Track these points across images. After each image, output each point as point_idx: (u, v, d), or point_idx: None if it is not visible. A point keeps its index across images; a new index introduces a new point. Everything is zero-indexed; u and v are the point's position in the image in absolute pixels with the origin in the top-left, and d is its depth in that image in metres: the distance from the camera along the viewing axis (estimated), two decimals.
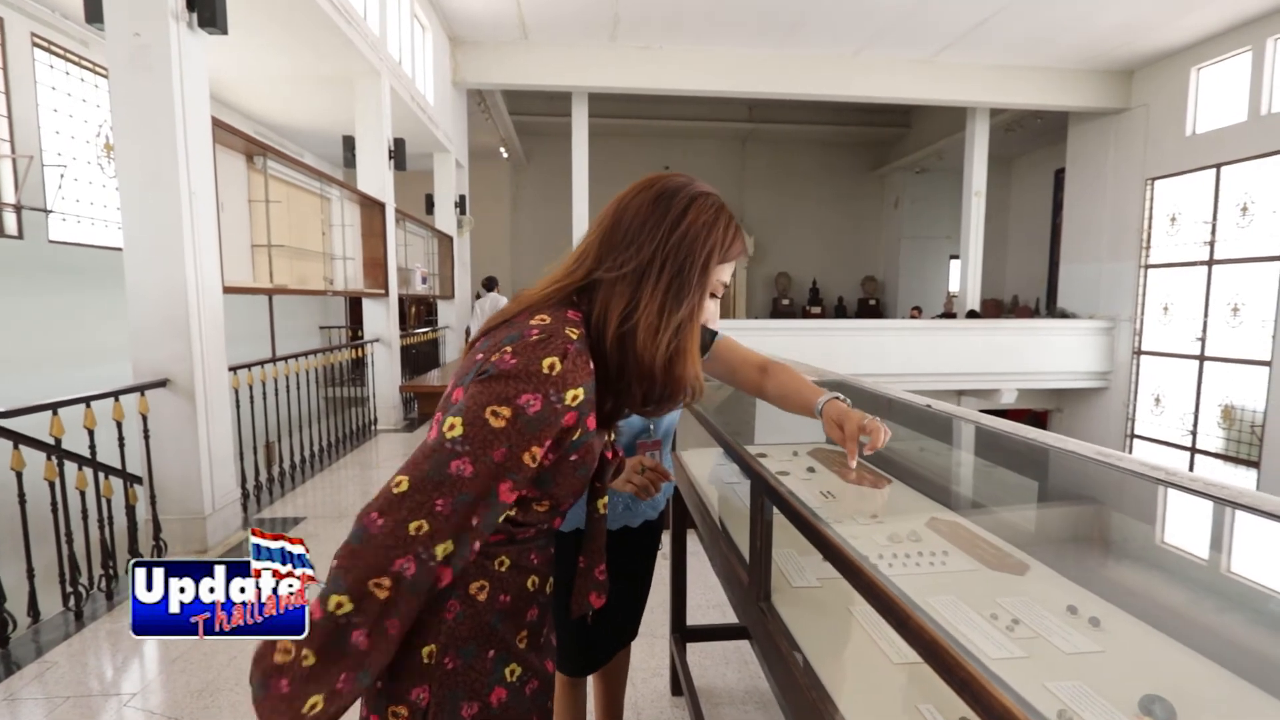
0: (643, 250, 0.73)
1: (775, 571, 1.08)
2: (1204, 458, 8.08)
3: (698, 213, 0.75)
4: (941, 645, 0.50)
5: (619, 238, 0.75)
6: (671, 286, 0.73)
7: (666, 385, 0.74)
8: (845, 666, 0.86)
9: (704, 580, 2.73)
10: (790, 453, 1.86)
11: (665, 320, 0.72)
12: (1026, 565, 1.08)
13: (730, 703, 2.02)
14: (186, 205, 3.00)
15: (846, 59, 8.54)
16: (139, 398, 2.99)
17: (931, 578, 1.05)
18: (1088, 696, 0.73)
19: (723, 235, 0.76)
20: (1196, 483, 0.95)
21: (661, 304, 0.72)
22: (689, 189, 0.77)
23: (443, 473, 0.63)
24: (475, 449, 0.64)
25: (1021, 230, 12.73)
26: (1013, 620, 0.90)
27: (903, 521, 1.29)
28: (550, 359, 0.66)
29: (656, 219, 0.74)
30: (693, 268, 0.74)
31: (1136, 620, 0.90)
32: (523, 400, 0.64)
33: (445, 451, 0.64)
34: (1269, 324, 7.25)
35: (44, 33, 4.71)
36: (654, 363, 0.72)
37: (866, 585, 0.65)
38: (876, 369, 8.36)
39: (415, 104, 6.73)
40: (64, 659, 2.29)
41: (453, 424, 0.65)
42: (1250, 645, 0.80)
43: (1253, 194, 7.47)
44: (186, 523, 3.11)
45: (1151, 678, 0.75)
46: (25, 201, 4.50)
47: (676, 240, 0.73)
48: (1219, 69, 7.82)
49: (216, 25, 3.06)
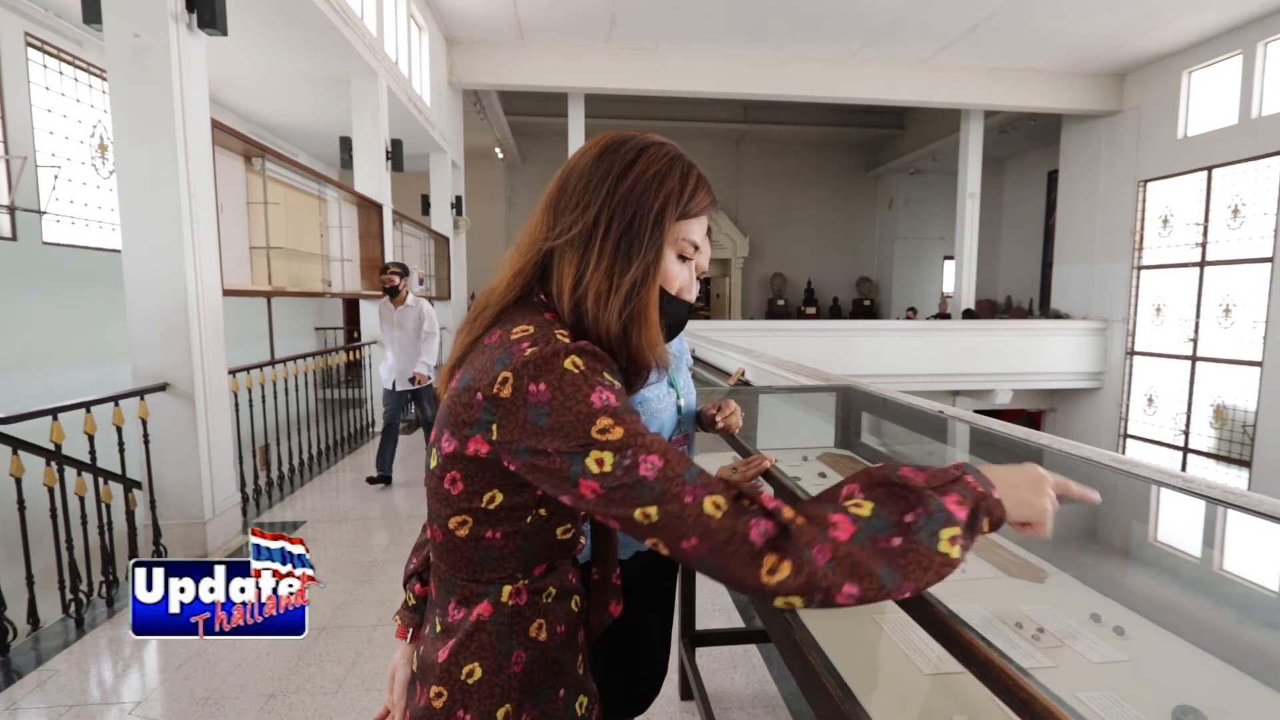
0: (588, 210, 0.66)
1: None
2: (1196, 457, 8.16)
3: (647, 163, 0.67)
4: (997, 664, 0.51)
5: (565, 201, 0.68)
6: (620, 245, 0.65)
7: (626, 357, 0.66)
8: (874, 675, 0.86)
9: (711, 584, 2.74)
10: (800, 457, 1.86)
11: (615, 283, 0.65)
12: (1044, 572, 1.09)
13: (739, 706, 2.02)
14: (186, 207, 2.98)
15: (842, 60, 8.58)
16: (139, 402, 2.96)
17: (956, 585, 1.06)
18: (1120, 708, 0.73)
19: (679, 185, 0.68)
20: (1205, 487, 0.96)
21: (610, 266, 0.65)
22: (637, 140, 0.69)
23: (648, 486, 0.55)
24: (635, 452, 0.56)
25: (1015, 231, 12.81)
26: (1038, 629, 0.90)
27: None
28: (571, 358, 0.60)
29: (601, 175, 0.67)
30: (642, 222, 0.66)
31: (1158, 628, 0.90)
32: (597, 403, 0.58)
33: (623, 476, 0.56)
34: (1260, 325, 7.33)
35: (38, 32, 4.66)
36: (608, 332, 0.65)
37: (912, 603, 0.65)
38: (872, 370, 8.40)
39: (412, 104, 6.71)
40: (65, 667, 2.27)
41: (600, 459, 0.56)
42: (1273, 653, 0.81)
43: (1243, 196, 7.55)
44: (187, 527, 3.08)
45: (1181, 687, 0.76)
46: (19, 203, 4.45)
47: (623, 194, 0.66)
48: (1210, 72, 7.90)
49: (216, 26, 3.04)
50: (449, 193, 8.60)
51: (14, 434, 2.45)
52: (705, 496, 0.54)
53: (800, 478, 1.69)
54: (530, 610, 0.69)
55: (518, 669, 0.67)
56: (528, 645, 0.68)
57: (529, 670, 0.68)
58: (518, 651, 0.67)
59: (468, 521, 0.66)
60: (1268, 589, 0.95)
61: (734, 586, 0.55)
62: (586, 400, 0.57)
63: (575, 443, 0.57)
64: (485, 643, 0.67)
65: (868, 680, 0.84)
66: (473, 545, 0.67)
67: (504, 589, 0.67)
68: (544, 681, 0.69)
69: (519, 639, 0.68)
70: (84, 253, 5.06)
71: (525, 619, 0.68)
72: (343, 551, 3.29)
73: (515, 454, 0.60)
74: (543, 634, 0.69)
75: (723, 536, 0.53)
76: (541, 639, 0.69)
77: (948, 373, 8.88)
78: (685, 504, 0.54)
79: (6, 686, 2.14)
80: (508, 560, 0.67)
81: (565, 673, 0.71)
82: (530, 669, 0.68)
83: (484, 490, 0.64)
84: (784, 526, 0.53)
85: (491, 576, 0.67)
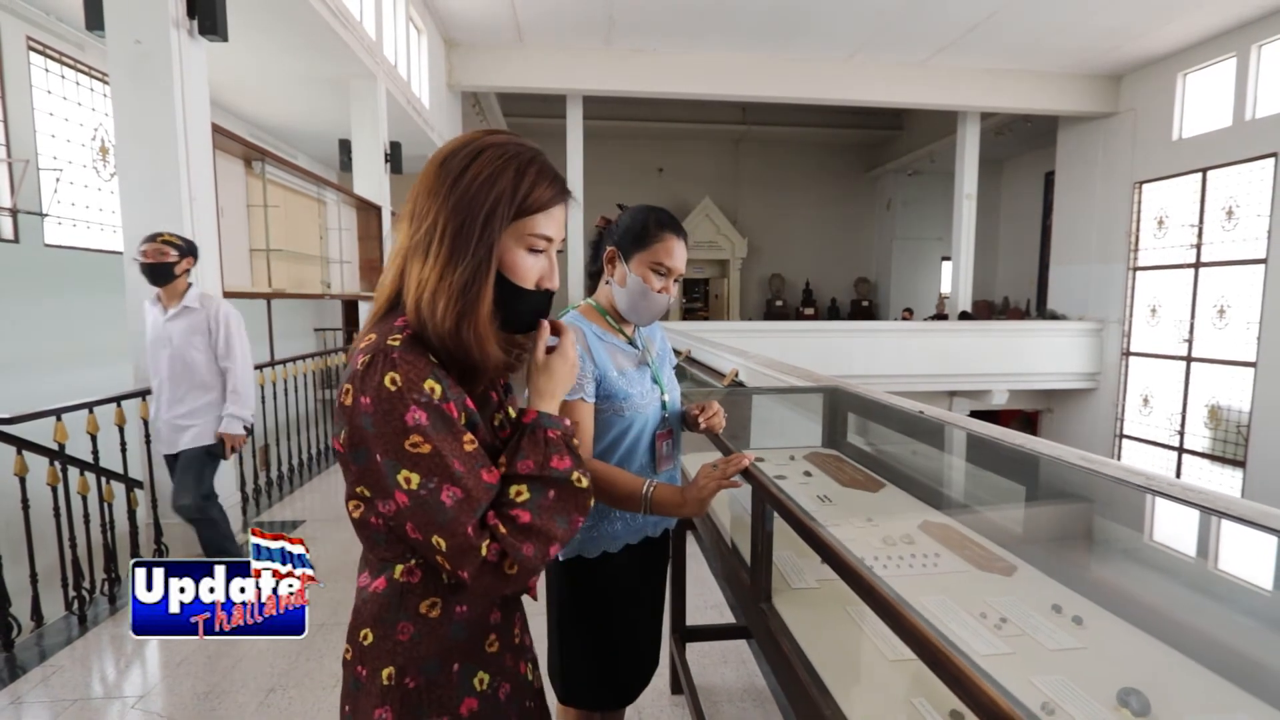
0: (428, 216, 0.72)
1: (775, 574, 1.12)
2: (1191, 458, 8.20)
3: (480, 167, 0.72)
4: (934, 643, 0.55)
5: (414, 210, 0.74)
6: (453, 247, 0.70)
7: (461, 352, 0.71)
8: (843, 663, 0.91)
9: (702, 581, 2.78)
10: (787, 456, 1.91)
11: (444, 282, 0.70)
12: (1014, 566, 1.13)
13: (729, 700, 2.07)
14: (187, 211, 3.02)
15: (839, 62, 8.62)
16: (140, 402, 3.00)
17: (924, 579, 1.10)
18: (1070, 690, 0.78)
19: (511, 184, 0.73)
20: (1174, 488, 1.00)
21: (442, 267, 0.70)
22: (474, 145, 0.74)
23: (445, 510, 0.67)
24: (440, 477, 0.67)
25: (1012, 232, 12.86)
26: (1001, 619, 0.95)
27: (897, 525, 1.34)
28: (389, 375, 0.67)
29: (439, 183, 0.72)
30: (472, 224, 0.71)
31: (1117, 618, 0.95)
32: (411, 419, 0.66)
33: (426, 497, 0.67)
34: (1254, 326, 7.37)
35: (40, 36, 4.70)
36: (443, 329, 0.70)
37: (864, 587, 0.69)
38: (869, 370, 8.44)
39: (411, 107, 6.75)
40: (68, 662, 2.31)
41: (407, 479, 0.67)
42: (1222, 640, 0.85)
43: (1238, 198, 7.60)
44: (187, 526, 3.11)
45: (1130, 672, 0.80)
46: (21, 205, 4.50)
47: (456, 199, 0.71)
48: (1204, 75, 7.95)
49: (217, 33, 3.08)
50: None
51: (18, 434, 2.50)
52: (479, 539, 0.68)
53: (786, 476, 1.73)
54: (422, 589, 0.75)
55: (403, 638, 0.74)
56: (415, 620, 0.74)
57: (415, 641, 0.74)
58: (404, 623, 0.74)
59: (360, 506, 0.74)
60: (1225, 581, 1.00)
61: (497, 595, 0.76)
62: (400, 418, 0.66)
63: (391, 453, 0.67)
64: (375, 612, 0.75)
65: (837, 667, 0.89)
66: (365, 527, 0.74)
67: (397, 567, 0.75)
68: (433, 654, 0.75)
69: (407, 613, 0.74)
70: (85, 255, 5.10)
71: (416, 596, 0.74)
72: (343, 551, 3.33)
73: (354, 457, 0.70)
74: (435, 611, 0.75)
75: (483, 569, 0.69)
76: (433, 616, 0.75)
77: (944, 373, 8.92)
78: (468, 538, 0.68)
79: (11, 681, 2.19)
80: (396, 543, 0.74)
81: (462, 649, 0.77)
82: (417, 641, 0.74)
83: (358, 483, 0.72)
84: (502, 544, 0.69)
85: (386, 555, 0.75)
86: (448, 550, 0.68)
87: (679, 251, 1.18)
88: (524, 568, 0.70)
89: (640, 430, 1.18)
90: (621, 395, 1.15)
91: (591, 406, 1.13)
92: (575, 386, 1.10)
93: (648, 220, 1.18)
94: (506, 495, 0.72)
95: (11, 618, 2.37)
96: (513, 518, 0.70)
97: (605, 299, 1.25)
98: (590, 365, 1.13)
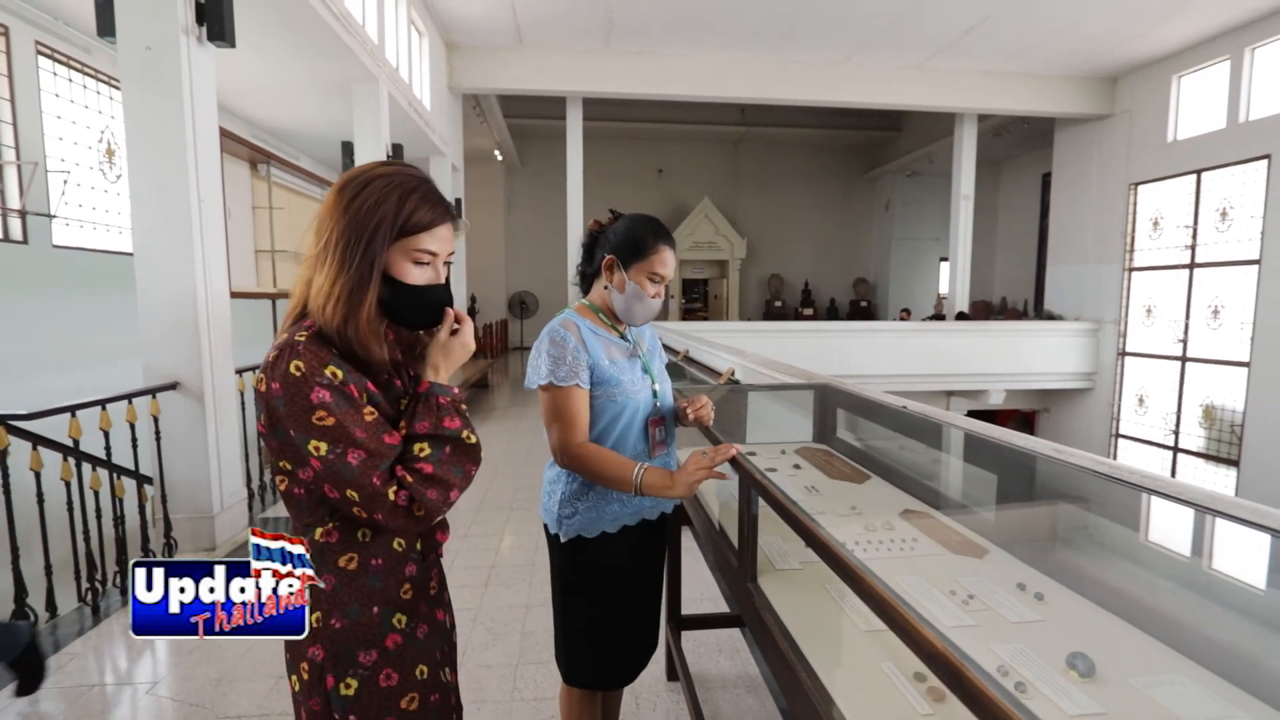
0: (326, 234, 0.87)
1: (761, 556, 1.19)
2: (1186, 457, 8.27)
3: (368, 195, 0.87)
4: (901, 613, 0.62)
5: (318, 228, 0.89)
6: (344, 258, 0.85)
7: (347, 345, 0.85)
8: (821, 634, 0.98)
9: (698, 576, 2.85)
10: (779, 451, 1.98)
11: (333, 287, 0.84)
12: (985, 550, 1.21)
13: (723, 687, 2.14)
14: (195, 213, 3.10)
15: (837, 64, 8.70)
16: (150, 400, 3.08)
17: (901, 561, 1.18)
18: (1025, 655, 0.85)
19: (395, 209, 0.87)
20: (1123, 472, 1.07)
21: (334, 274, 0.85)
22: (365, 175, 0.89)
23: (351, 469, 0.80)
24: (344, 443, 0.80)
25: (1011, 233, 12.94)
26: (968, 595, 1.02)
27: (879, 513, 1.42)
28: (294, 363, 0.80)
29: (335, 206, 0.87)
30: (359, 241, 0.85)
31: (1075, 595, 1.02)
32: (315, 399, 0.80)
33: (334, 460, 0.80)
34: (1248, 326, 7.45)
35: (48, 40, 4.78)
36: (332, 327, 0.84)
37: (832, 557, 0.76)
38: (867, 370, 8.51)
39: (412, 109, 6.83)
40: (83, 651, 2.39)
41: (316, 447, 0.81)
42: (1169, 613, 0.92)
43: (1231, 199, 7.67)
44: (196, 521, 3.20)
45: (1083, 641, 0.88)
46: (30, 207, 4.57)
47: (348, 221, 0.86)
48: (1199, 77, 8.02)
49: (225, 39, 3.16)
50: (449, 195, 8.67)
51: (32, 430, 2.57)
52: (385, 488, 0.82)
53: (776, 469, 1.81)
54: (340, 546, 0.88)
55: (327, 588, 0.87)
56: (336, 572, 0.87)
57: (337, 591, 0.87)
58: (326, 575, 0.87)
59: (284, 479, 0.88)
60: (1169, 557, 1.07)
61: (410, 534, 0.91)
62: (306, 397, 0.80)
63: (301, 428, 0.80)
64: None
65: (815, 639, 0.96)
66: (290, 498, 0.88)
67: (316, 530, 0.88)
68: (354, 600, 0.88)
69: (327, 567, 0.87)
70: (92, 255, 5.18)
71: (335, 552, 0.88)
72: None
73: (273, 434, 0.84)
74: (353, 565, 0.88)
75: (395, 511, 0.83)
76: (351, 569, 0.88)
77: (941, 373, 8.99)
78: (375, 486, 0.82)
79: None
80: (316, 508, 0.88)
81: (380, 595, 0.90)
82: (338, 590, 0.87)
83: (279, 458, 0.86)
84: (409, 490, 0.83)
85: (309, 520, 0.88)
86: (360, 500, 0.82)
87: (672, 260, 1.30)
88: (429, 510, 0.85)
89: (633, 415, 1.28)
90: (614, 381, 1.25)
91: (586, 393, 1.24)
92: (571, 374, 1.21)
93: (646, 233, 1.28)
94: (411, 452, 0.86)
95: (29, 608, 2.45)
96: (418, 469, 0.85)
97: (599, 299, 1.34)
98: (585, 355, 1.24)
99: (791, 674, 0.88)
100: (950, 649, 0.62)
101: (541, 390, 1.24)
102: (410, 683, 0.91)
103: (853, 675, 0.89)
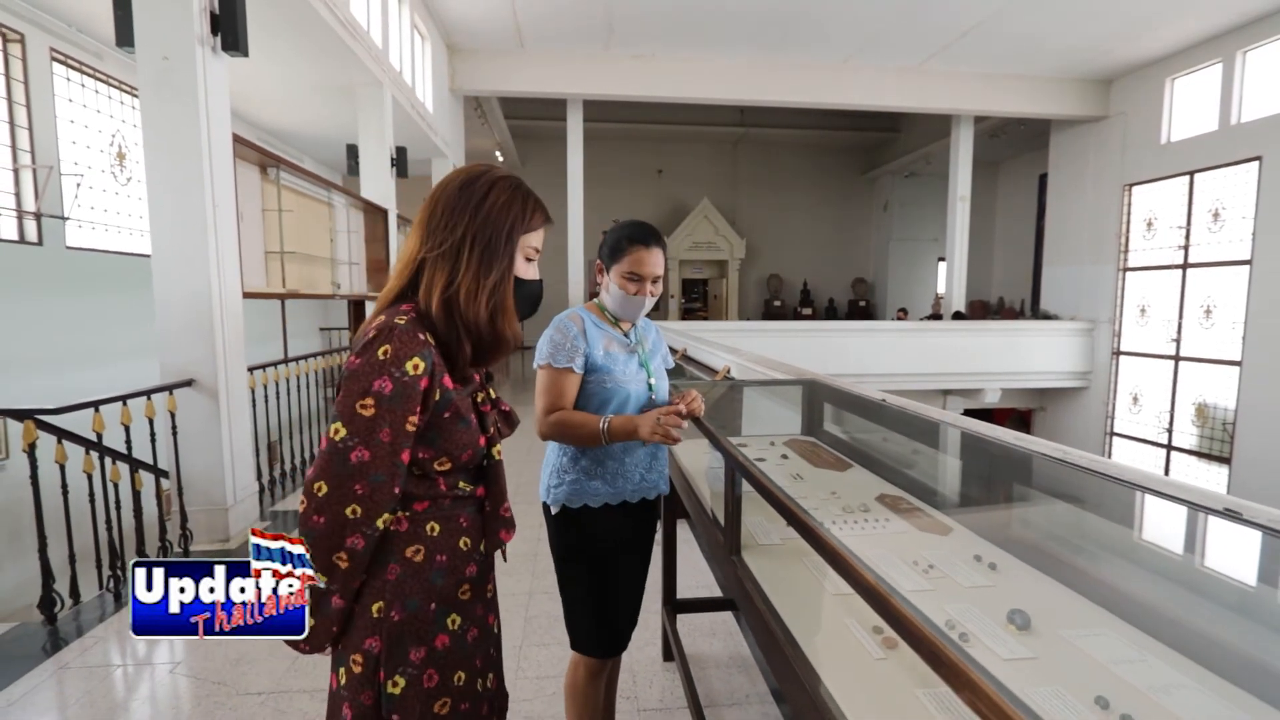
0: (455, 231, 0.90)
1: (746, 534, 1.31)
2: (1179, 455, 8.37)
3: (497, 194, 0.92)
4: (861, 573, 0.73)
5: (434, 223, 0.91)
6: (484, 256, 0.90)
7: (493, 338, 0.90)
8: (797, 599, 1.09)
9: (693, 565, 2.96)
10: (768, 442, 2.10)
11: (482, 284, 0.89)
12: (950, 528, 1.32)
13: (716, 667, 2.25)
14: (210, 216, 3.21)
15: (836, 66, 8.80)
16: (167, 396, 3.20)
17: (871, 537, 1.29)
18: (972, 613, 0.97)
19: (521, 210, 0.93)
20: (1078, 458, 1.19)
21: (477, 272, 0.89)
22: (488, 175, 0.94)
23: (347, 466, 0.81)
24: (362, 438, 0.81)
25: (1007, 233, 13.04)
26: (929, 565, 1.14)
27: (856, 497, 1.53)
28: (383, 347, 0.83)
29: (463, 203, 0.91)
30: (498, 239, 0.91)
31: (1027, 565, 1.14)
32: (376, 386, 0.82)
33: (340, 450, 0.81)
34: (1239, 325, 7.55)
35: (62, 47, 4.90)
36: (479, 320, 0.89)
37: (802, 526, 0.87)
38: (865, 369, 8.62)
39: (415, 112, 6.94)
40: (107, 634, 2.51)
41: (336, 428, 0.82)
42: (1105, 579, 1.04)
43: (1224, 200, 7.77)
44: (210, 513, 3.31)
45: (1023, 600, 0.99)
46: (44, 210, 4.69)
47: (482, 219, 0.90)
48: (1192, 79, 8.12)
49: (239, 48, 3.27)
50: None
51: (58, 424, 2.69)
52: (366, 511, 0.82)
53: (765, 459, 1.92)
54: (409, 536, 0.89)
55: (391, 577, 0.88)
56: (401, 561, 0.88)
57: (401, 580, 0.88)
58: (391, 565, 0.88)
59: None
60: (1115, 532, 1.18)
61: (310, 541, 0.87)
62: (369, 380, 0.82)
63: (344, 401, 0.82)
64: None
65: (791, 602, 1.07)
66: None
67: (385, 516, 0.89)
68: (415, 593, 0.88)
69: (395, 556, 0.88)
70: (104, 257, 5.30)
71: (403, 542, 0.89)
72: None
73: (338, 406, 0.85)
74: (419, 557, 0.89)
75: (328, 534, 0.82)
76: (417, 560, 0.89)
77: (938, 372, 9.09)
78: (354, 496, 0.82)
79: (56, 651, 2.38)
80: None
81: (440, 592, 0.91)
82: (402, 579, 0.88)
83: None
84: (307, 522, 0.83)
85: None
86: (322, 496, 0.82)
87: (650, 259, 1.40)
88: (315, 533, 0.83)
89: (623, 402, 1.41)
90: (605, 369, 1.40)
91: (578, 378, 1.38)
92: (567, 358, 1.35)
93: (621, 236, 1.42)
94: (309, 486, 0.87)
95: (55, 593, 2.57)
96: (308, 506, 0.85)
97: (605, 300, 1.49)
98: (583, 344, 1.38)
99: (771, 637, 0.99)
100: (904, 604, 0.73)
101: (539, 369, 1.39)
102: (447, 687, 0.90)
103: (820, 631, 1.00)
